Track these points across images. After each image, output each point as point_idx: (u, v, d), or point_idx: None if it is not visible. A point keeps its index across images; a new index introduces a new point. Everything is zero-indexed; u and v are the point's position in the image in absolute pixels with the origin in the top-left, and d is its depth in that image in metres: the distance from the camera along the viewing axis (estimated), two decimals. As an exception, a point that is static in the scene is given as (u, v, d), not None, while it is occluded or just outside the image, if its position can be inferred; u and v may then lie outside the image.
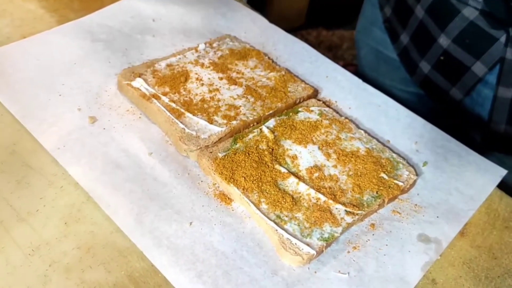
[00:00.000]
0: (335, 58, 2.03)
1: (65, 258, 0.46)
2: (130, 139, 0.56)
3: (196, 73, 0.62)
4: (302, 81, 0.65)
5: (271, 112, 0.59)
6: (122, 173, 0.52)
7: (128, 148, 0.55)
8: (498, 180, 0.57)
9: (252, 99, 0.60)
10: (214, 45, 0.68)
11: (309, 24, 2.15)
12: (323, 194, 0.51)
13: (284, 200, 0.50)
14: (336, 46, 2.10)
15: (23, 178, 0.51)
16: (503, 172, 0.58)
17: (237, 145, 0.55)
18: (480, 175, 0.57)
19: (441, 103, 0.77)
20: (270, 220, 0.49)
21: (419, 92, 0.80)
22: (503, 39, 0.63)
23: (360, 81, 0.67)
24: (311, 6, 2.05)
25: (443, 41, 0.69)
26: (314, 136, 0.57)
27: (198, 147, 0.54)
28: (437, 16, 0.69)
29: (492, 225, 0.54)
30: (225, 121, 0.57)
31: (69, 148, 0.54)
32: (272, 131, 0.57)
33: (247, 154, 0.54)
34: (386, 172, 0.55)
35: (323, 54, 0.71)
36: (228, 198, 0.52)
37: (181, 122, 0.56)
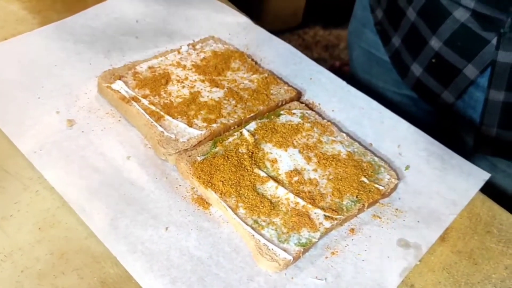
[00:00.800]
0: (332, 58, 2.02)
1: (38, 264, 0.45)
2: (109, 143, 0.55)
3: (178, 76, 0.62)
4: (285, 83, 0.64)
5: (252, 115, 0.59)
6: (99, 177, 0.52)
7: (106, 152, 0.54)
8: (481, 184, 0.56)
9: (233, 102, 0.60)
10: (197, 46, 0.67)
11: (306, 24, 2.15)
12: (302, 198, 0.51)
13: (262, 205, 0.50)
14: (333, 45, 2.09)
15: (-2, 182, 0.51)
16: (486, 175, 0.57)
17: (217, 149, 0.54)
18: (463, 178, 0.57)
19: (433, 106, 0.77)
20: (248, 225, 0.48)
21: (412, 95, 0.79)
22: (494, 41, 0.62)
23: (344, 83, 0.67)
24: (308, 6, 2.05)
25: (435, 43, 0.68)
26: (295, 139, 0.57)
27: (177, 151, 0.54)
28: (429, 18, 0.68)
29: (474, 229, 0.53)
30: (205, 124, 0.56)
31: (46, 151, 0.53)
32: (253, 134, 0.56)
33: (226, 158, 0.53)
34: (367, 176, 0.54)
35: (320, 53, 0.70)
36: (206, 202, 0.51)
37: (160, 125, 0.55)
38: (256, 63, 0.67)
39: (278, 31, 0.74)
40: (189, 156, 0.54)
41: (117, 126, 0.57)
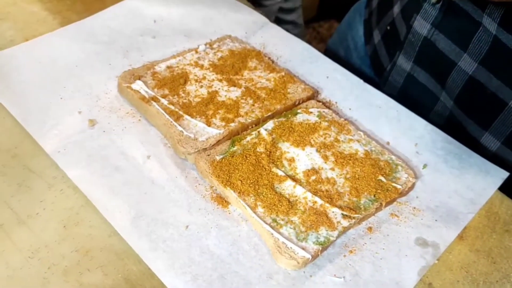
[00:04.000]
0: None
1: (64, 261, 0.46)
2: (129, 142, 0.56)
3: (196, 75, 0.63)
4: (302, 82, 0.65)
5: (269, 114, 0.59)
6: (120, 176, 0.53)
7: (127, 151, 0.55)
8: (499, 182, 0.56)
9: (251, 101, 0.60)
10: (214, 46, 0.68)
11: (321, 17, 2.14)
12: (319, 197, 0.51)
13: (281, 204, 0.50)
14: (347, 39, 2.07)
15: (23, 181, 0.52)
16: (504, 174, 0.57)
17: (235, 148, 0.55)
18: (481, 177, 0.57)
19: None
20: (266, 223, 0.49)
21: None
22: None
23: (361, 81, 0.67)
24: (323, -1, 2.04)
25: (396, 9, 0.69)
26: (312, 138, 0.57)
27: (196, 150, 0.54)
28: None
29: (492, 228, 0.53)
30: (223, 124, 0.57)
31: (69, 151, 0.54)
32: (270, 133, 0.57)
33: (244, 157, 0.54)
34: (384, 175, 0.54)
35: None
36: (225, 201, 0.52)
37: (179, 125, 0.56)
38: (272, 61, 0.67)
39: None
40: (208, 155, 0.54)
41: (137, 126, 0.58)
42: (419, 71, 0.67)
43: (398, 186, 0.53)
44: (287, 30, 0.74)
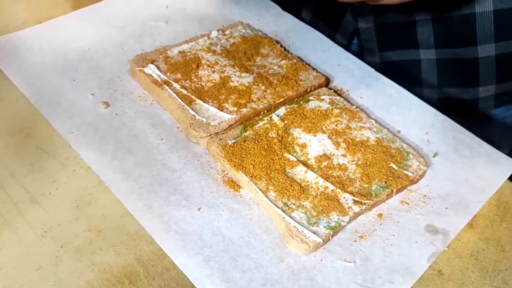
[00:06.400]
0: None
1: (76, 240, 0.47)
2: (142, 125, 0.56)
3: (208, 60, 0.63)
4: (314, 69, 0.65)
5: (281, 100, 0.60)
6: (132, 158, 0.53)
7: (139, 134, 0.56)
8: (509, 172, 0.56)
9: (263, 87, 0.60)
10: (227, 32, 0.68)
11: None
12: (331, 183, 0.51)
13: (292, 188, 0.51)
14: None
15: (36, 161, 0.52)
16: (515, 164, 0.57)
17: (247, 133, 0.55)
18: (492, 167, 0.57)
19: None
20: (278, 207, 0.49)
21: None
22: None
23: (372, 70, 0.67)
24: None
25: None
26: (324, 125, 0.57)
27: (208, 134, 0.55)
28: None
29: (502, 217, 0.53)
30: (235, 109, 0.57)
31: (82, 132, 0.55)
32: (282, 119, 0.57)
33: (256, 141, 0.54)
34: (395, 162, 0.54)
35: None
36: (237, 185, 0.53)
37: (191, 109, 0.56)
38: (285, 49, 0.67)
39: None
40: (220, 139, 0.55)
41: (149, 109, 0.59)
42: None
43: (409, 174, 0.53)
44: None
